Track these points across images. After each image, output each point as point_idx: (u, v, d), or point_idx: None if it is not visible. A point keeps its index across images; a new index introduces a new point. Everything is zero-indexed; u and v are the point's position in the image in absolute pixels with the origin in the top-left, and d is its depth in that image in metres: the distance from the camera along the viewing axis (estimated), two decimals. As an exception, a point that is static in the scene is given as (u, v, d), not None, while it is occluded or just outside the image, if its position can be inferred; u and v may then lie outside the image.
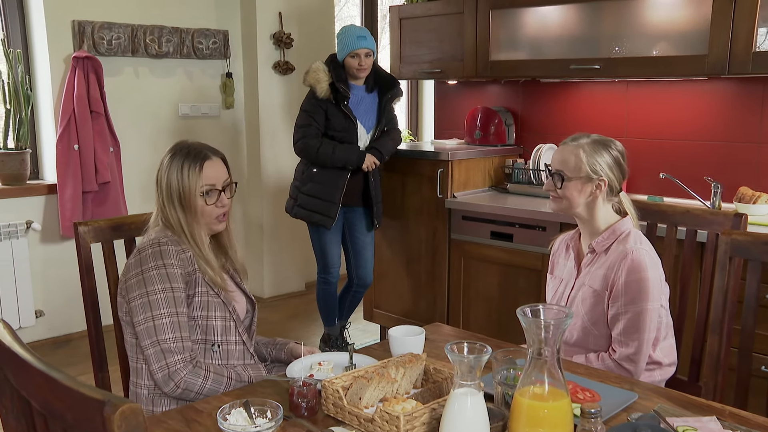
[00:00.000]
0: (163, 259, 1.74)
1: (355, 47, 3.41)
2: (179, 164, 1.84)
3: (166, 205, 1.84)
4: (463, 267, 3.60)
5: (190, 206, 1.83)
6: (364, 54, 3.43)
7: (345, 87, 3.44)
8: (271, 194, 4.80)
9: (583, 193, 2.00)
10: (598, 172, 1.98)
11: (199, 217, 1.84)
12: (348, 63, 3.46)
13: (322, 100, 3.44)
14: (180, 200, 1.83)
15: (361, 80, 3.54)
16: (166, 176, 1.84)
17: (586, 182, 1.98)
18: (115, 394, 0.83)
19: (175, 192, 1.83)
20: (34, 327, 3.93)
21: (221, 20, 4.55)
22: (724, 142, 3.25)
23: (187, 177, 1.83)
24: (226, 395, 1.62)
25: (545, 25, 3.49)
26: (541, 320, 1.27)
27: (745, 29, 2.79)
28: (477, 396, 1.27)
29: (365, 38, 3.43)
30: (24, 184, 3.88)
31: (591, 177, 1.98)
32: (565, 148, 2.03)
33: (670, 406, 1.54)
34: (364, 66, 3.45)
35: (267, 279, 4.88)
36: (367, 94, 3.58)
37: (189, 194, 1.82)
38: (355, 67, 3.45)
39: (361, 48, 3.41)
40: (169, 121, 4.38)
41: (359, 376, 1.53)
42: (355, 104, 3.52)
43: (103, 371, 1.99)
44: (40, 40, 3.91)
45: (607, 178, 1.99)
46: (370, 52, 3.45)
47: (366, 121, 3.56)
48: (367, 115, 3.57)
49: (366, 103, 3.57)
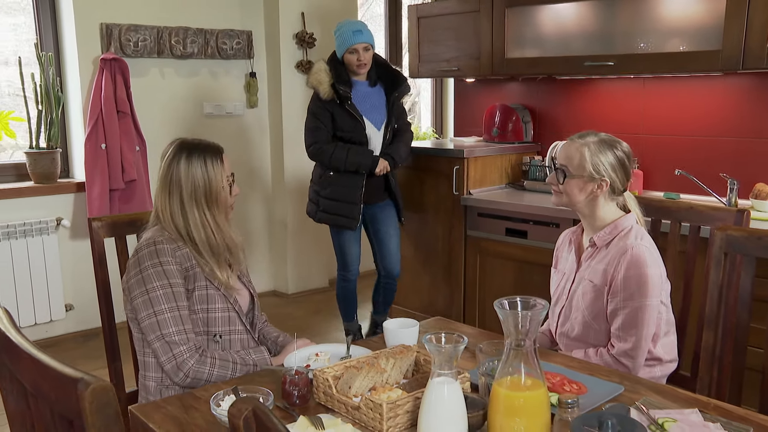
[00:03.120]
0: (159, 257, 1.81)
1: (352, 42, 3.37)
2: (201, 160, 1.89)
3: (186, 204, 1.87)
4: (479, 263, 3.63)
5: (218, 200, 1.89)
6: (362, 48, 3.38)
7: (345, 88, 3.40)
8: (294, 192, 4.88)
9: (584, 191, 2.02)
10: (601, 172, 1.99)
11: (223, 208, 1.91)
12: (347, 59, 3.42)
13: (326, 101, 3.41)
14: (206, 196, 1.88)
15: (363, 75, 3.50)
16: (189, 175, 1.87)
17: (588, 181, 2.00)
18: (91, 374, 0.90)
19: (201, 188, 1.87)
20: (65, 320, 4.07)
21: (245, 21, 4.64)
22: (740, 138, 3.22)
23: (212, 171, 1.89)
24: (224, 383, 1.69)
25: (560, 22, 3.50)
26: (518, 312, 1.31)
27: (759, 24, 2.77)
28: (454, 385, 1.31)
29: (361, 32, 3.38)
30: (54, 182, 4.02)
31: (593, 176, 2.00)
32: (572, 145, 2.05)
33: (656, 399, 1.56)
34: (364, 61, 3.40)
35: (291, 275, 4.96)
36: (371, 88, 3.53)
37: (216, 188, 1.89)
38: (354, 63, 3.40)
39: (358, 43, 3.37)
40: (194, 120, 4.49)
41: (350, 366, 1.58)
42: (361, 100, 3.47)
43: (116, 361, 2.08)
44: (71, 43, 4.04)
45: (609, 179, 2.00)
46: (369, 45, 3.40)
47: (374, 118, 3.50)
48: (375, 111, 3.51)
49: (372, 99, 3.51)
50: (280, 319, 4.46)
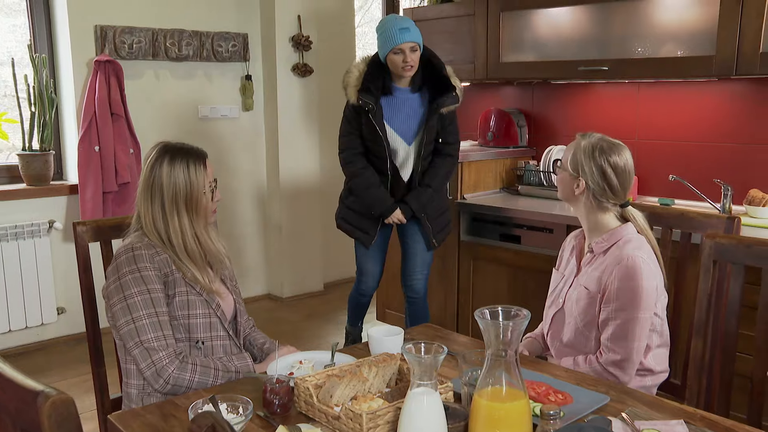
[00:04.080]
0: (136, 263, 1.79)
1: (397, 42, 2.93)
2: (184, 165, 1.87)
3: (167, 209, 1.84)
4: (473, 268, 3.61)
5: (198, 205, 1.87)
6: (409, 48, 2.94)
7: (368, 97, 3.00)
8: (289, 196, 4.86)
9: (567, 187, 2.05)
10: (579, 171, 2.00)
11: (203, 214, 1.89)
12: (391, 61, 2.98)
13: (355, 105, 3.08)
14: (186, 201, 1.85)
15: (407, 80, 3.05)
16: (171, 179, 1.84)
17: (569, 177, 2.03)
18: (51, 386, 0.88)
19: (182, 193, 1.85)
20: (56, 324, 4.05)
21: (241, 23, 4.63)
22: (734, 143, 3.20)
23: (194, 176, 1.86)
24: (207, 391, 1.67)
25: (554, 26, 3.48)
26: (500, 322, 1.29)
27: (753, 30, 2.75)
28: (433, 396, 1.29)
29: (408, 30, 2.95)
30: (47, 184, 4.01)
31: (572, 174, 2.02)
32: (574, 140, 2.08)
33: (642, 409, 1.54)
34: (410, 62, 2.96)
35: (286, 279, 4.94)
36: (411, 95, 3.09)
37: (198, 193, 1.86)
38: (400, 65, 2.96)
39: (405, 42, 2.93)
40: (189, 123, 4.47)
41: (332, 374, 1.56)
42: (395, 108, 3.08)
43: (100, 367, 2.06)
44: (65, 45, 4.03)
45: (585, 181, 1.99)
46: (416, 45, 2.97)
47: (405, 131, 3.10)
48: (408, 123, 3.10)
49: (409, 108, 3.09)
50: (275, 323, 4.44)
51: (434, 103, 3.03)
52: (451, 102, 3.05)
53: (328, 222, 5.19)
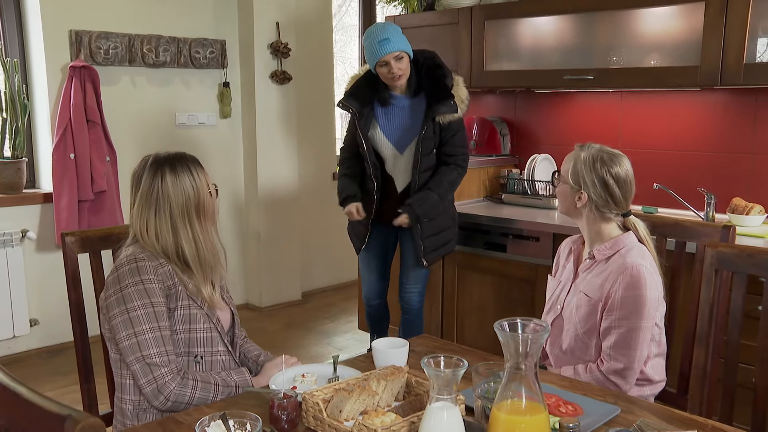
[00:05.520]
0: (140, 275, 1.73)
1: (379, 55, 2.88)
2: (187, 172, 1.82)
3: (178, 220, 1.79)
4: (458, 277, 3.60)
5: (206, 209, 1.83)
6: (393, 58, 2.88)
7: (350, 104, 3.02)
8: (267, 204, 4.80)
9: (567, 199, 2.05)
10: (580, 184, 2.00)
11: (211, 215, 1.86)
12: (380, 73, 2.95)
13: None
14: (197, 207, 1.81)
15: (402, 86, 3.00)
16: (178, 189, 1.79)
17: (571, 190, 2.03)
18: (77, 409, 0.83)
19: (193, 201, 1.80)
20: (29, 336, 3.93)
21: (219, 30, 4.57)
22: (717, 153, 3.25)
23: (199, 180, 1.82)
24: (208, 407, 1.62)
25: (539, 35, 3.50)
26: (519, 335, 1.27)
27: (736, 42, 2.80)
28: (453, 410, 1.27)
29: (389, 40, 2.87)
30: (20, 192, 3.89)
31: (573, 187, 2.01)
32: (572, 152, 2.07)
33: (653, 420, 1.54)
34: (398, 72, 2.90)
35: (264, 288, 4.87)
36: (409, 100, 3.02)
37: (204, 197, 1.83)
38: (388, 77, 2.94)
39: (387, 54, 2.87)
40: (166, 130, 4.39)
41: (340, 388, 1.53)
42: (391, 115, 3.04)
43: (90, 383, 1.99)
44: (38, 50, 3.92)
45: (588, 194, 1.99)
46: (401, 54, 2.89)
47: (399, 139, 3.04)
48: (403, 130, 3.03)
49: (405, 115, 3.03)
50: (254, 333, 4.35)
51: (430, 110, 2.94)
52: (447, 111, 2.92)
53: (306, 230, 5.15)
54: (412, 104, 3.02)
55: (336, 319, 4.72)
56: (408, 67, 2.95)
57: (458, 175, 3.10)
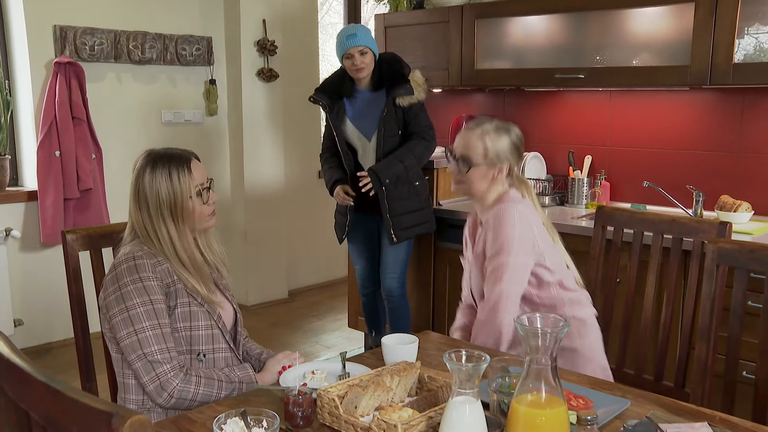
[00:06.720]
0: (138, 272, 1.72)
1: (345, 47, 3.18)
2: (165, 172, 1.81)
3: (153, 218, 1.79)
4: (449, 274, 3.61)
5: (182, 212, 1.80)
6: (358, 52, 3.17)
7: (320, 98, 3.31)
8: (254, 202, 4.78)
9: (486, 178, 2.08)
10: (501, 157, 2.06)
11: (193, 219, 1.82)
12: (346, 66, 3.24)
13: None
14: (171, 209, 1.79)
15: (366, 81, 3.27)
16: (153, 187, 1.79)
17: (490, 168, 2.07)
18: (123, 406, 0.82)
19: (166, 201, 1.79)
20: (13, 336, 3.85)
21: (205, 27, 4.53)
22: (705, 151, 3.30)
23: (177, 182, 1.80)
24: (220, 405, 1.61)
25: (530, 34, 3.52)
26: (538, 329, 1.28)
27: (725, 42, 2.84)
28: (475, 404, 1.28)
29: (355, 35, 3.18)
30: (3, 190, 3.83)
31: (494, 162, 2.06)
32: (471, 134, 2.09)
33: (662, 412, 1.56)
34: (360, 65, 3.19)
35: (250, 286, 4.85)
36: (372, 93, 3.29)
37: (182, 199, 1.79)
38: (350, 69, 3.22)
39: (352, 47, 3.17)
40: (152, 127, 4.35)
41: (354, 384, 1.53)
42: (359, 108, 3.30)
43: (91, 381, 1.97)
44: (21, 46, 3.86)
45: (508, 163, 2.06)
46: (364, 48, 3.19)
47: (366, 127, 3.29)
48: (369, 120, 3.29)
49: (371, 106, 3.29)
50: (241, 333, 4.34)
51: (392, 93, 3.19)
52: (404, 92, 3.17)
53: (292, 228, 5.13)
54: (375, 96, 3.28)
55: (323, 317, 4.71)
56: (372, 63, 3.23)
57: (425, 148, 3.28)
